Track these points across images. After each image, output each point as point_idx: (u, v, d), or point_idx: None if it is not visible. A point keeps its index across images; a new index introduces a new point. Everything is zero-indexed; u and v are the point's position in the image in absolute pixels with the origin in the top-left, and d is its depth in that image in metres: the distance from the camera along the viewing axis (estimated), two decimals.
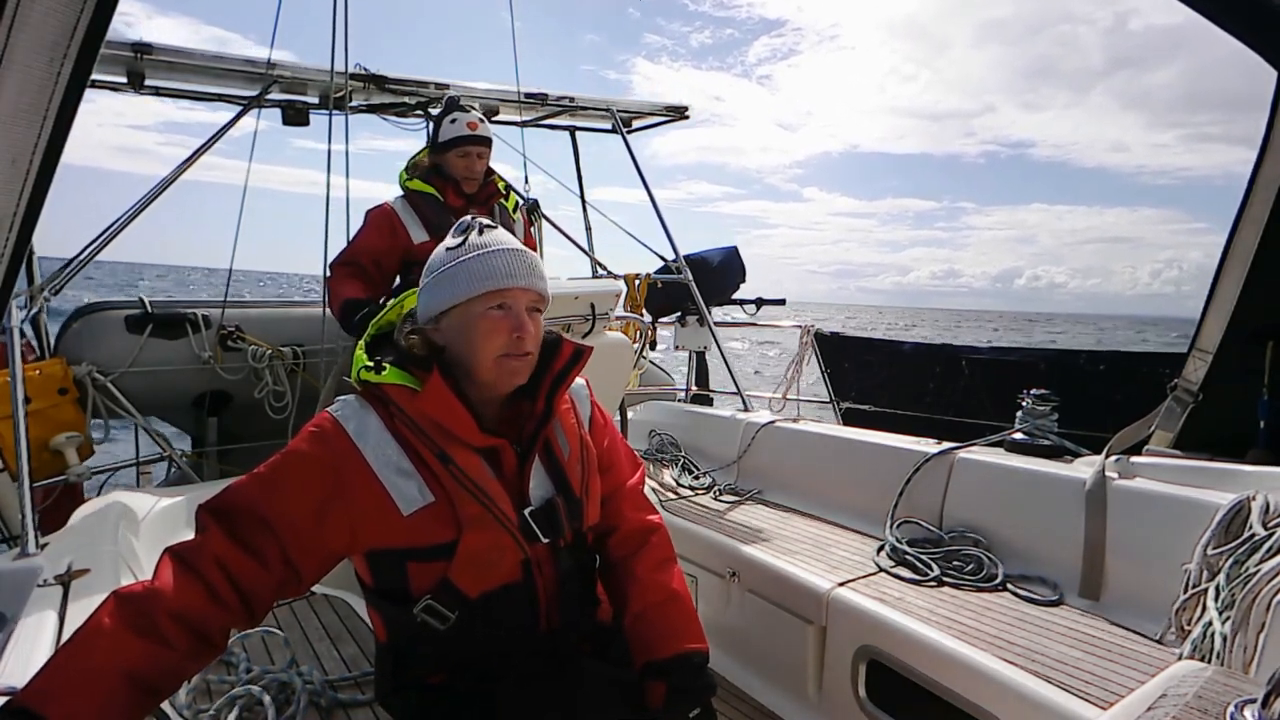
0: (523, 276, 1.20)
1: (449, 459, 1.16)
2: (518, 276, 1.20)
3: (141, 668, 0.98)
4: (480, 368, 1.19)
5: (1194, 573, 1.67)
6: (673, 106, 4.39)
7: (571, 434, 1.32)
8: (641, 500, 1.45)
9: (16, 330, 2.20)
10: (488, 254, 1.21)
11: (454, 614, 1.18)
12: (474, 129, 2.57)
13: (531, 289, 1.22)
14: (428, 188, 2.61)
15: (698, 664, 1.28)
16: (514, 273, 1.20)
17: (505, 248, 1.22)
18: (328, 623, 2.01)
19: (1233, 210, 2.35)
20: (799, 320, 4.75)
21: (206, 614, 1.04)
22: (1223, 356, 2.45)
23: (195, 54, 3.06)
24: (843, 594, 1.98)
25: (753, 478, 3.05)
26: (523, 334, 1.19)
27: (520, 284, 1.20)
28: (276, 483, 1.13)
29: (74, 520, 2.00)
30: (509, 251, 1.21)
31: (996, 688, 1.56)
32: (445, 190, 2.61)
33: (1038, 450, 2.36)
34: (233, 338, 3.38)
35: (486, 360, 1.19)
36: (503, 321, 1.18)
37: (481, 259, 1.20)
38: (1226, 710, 0.72)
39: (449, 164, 2.60)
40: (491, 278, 1.19)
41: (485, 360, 1.19)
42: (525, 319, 1.20)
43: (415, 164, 2.70)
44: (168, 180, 3.08)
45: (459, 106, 2.60)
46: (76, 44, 1.04)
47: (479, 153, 2.60)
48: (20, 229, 1.21)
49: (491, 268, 1.19)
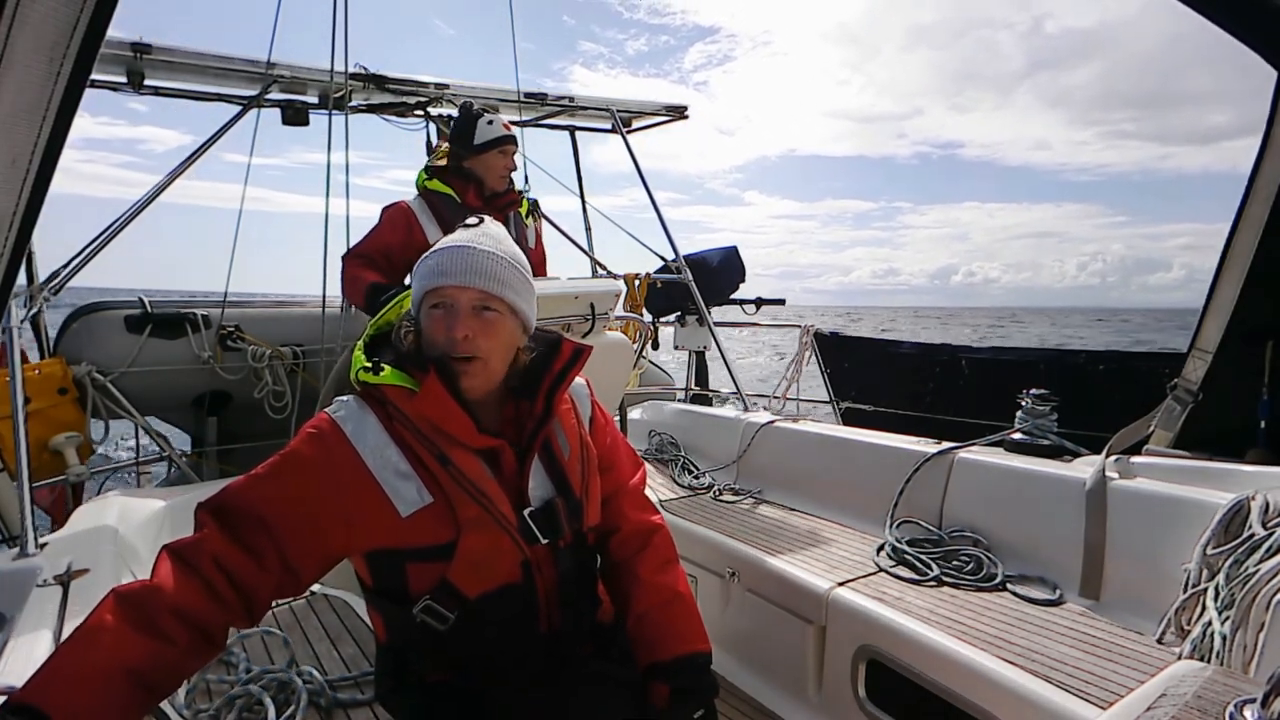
0: (458, 275, 1.17)
1: (447, 460, 1.16)
2: (450, 275, 1.17)
3: (142, 665, 0.98)
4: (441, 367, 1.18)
5: (1194, 573, 1.67)
6: (672, 106, 4.40)
7: (571, 434, 1.31)
8: (643, 500, 1.45)
9: (16, 330, 2.20)
10: (435, 252, 1.20)
11: (453, 614, 1.17)
12: (509, 129, 2.64)
13: (470, 287, 1.17)
14: (446, 189, 2.63)
15: (701, 665, 1.28)
16: (446, 271, 1.17)
17: (451, 246, 1.20)
18: (328, 623, 2.01)
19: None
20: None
21: (206, 611, 1.04)
22: (1222, 356, 2.45)
23: (195, 54, 3.06)
24: (842, 594, 1.98)
25: (753, 478, 3.05)
26: (453, 334, 1.15)
27: (453, 282, 1.17)
28: (274, 483, 1.13)
29: (74, 520, 2.00)
30: (454, 249, 1.19)
31: (996, 688, 1.56)
32: (465, 191, 2.63)
33: (1037, 450, 2.36)
34: (232, 338, 3.38)
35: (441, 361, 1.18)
36: (440, 321, 1.17)
37: (430, 257, 1.20)
38: (1226, 710, 0.72)
39: (486, 164, 2.63)
40: (428, 275, 1.19)
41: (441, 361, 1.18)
42: (460, 319, 1.16)
43: (433, 166, 2.72)
44: (167, 180, 3.08)
45: (483, 110, 2.65)
46: (76, 44, 1.03)
47: (514, 152, 2.67)
48: (20, 229, 1.21)
49: (428, 266, 1.19)
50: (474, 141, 2.61)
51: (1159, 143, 70.20)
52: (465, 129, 2.62)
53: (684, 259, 4.18)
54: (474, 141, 2.61)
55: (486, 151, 2.61)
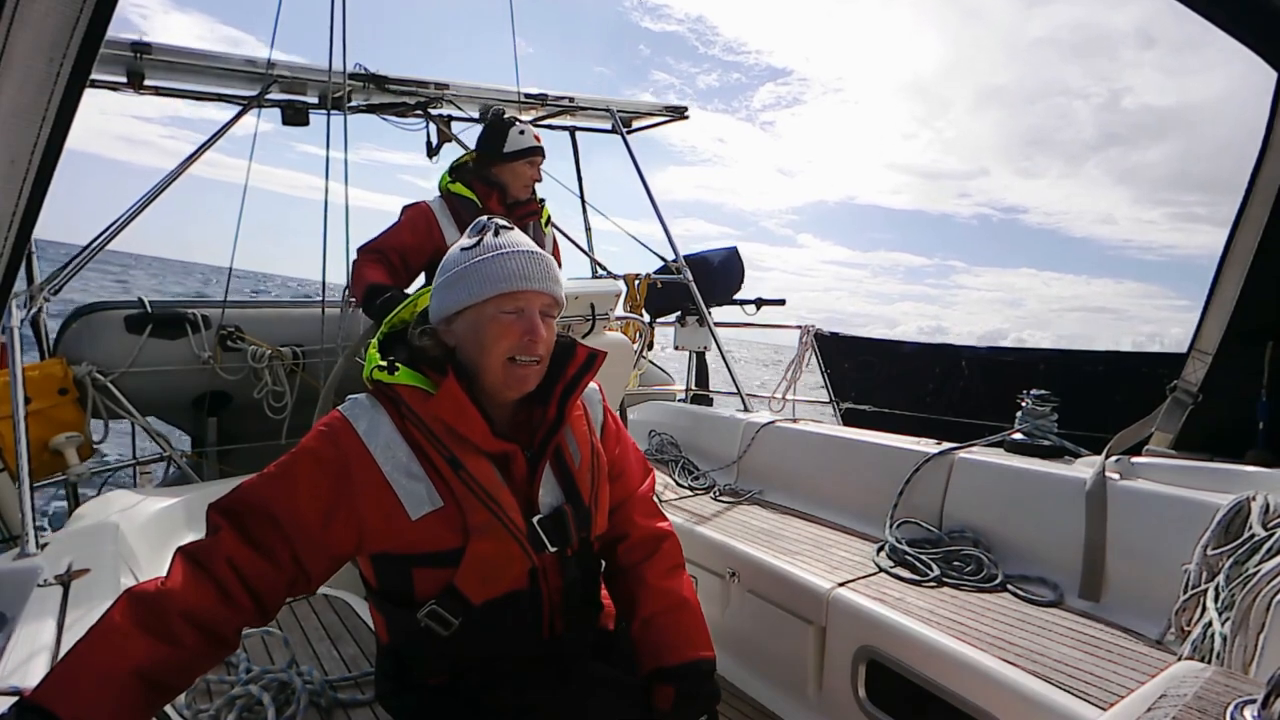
0: (537, 280, 1.19)
1: (459, 464, 1.15)
2: (532, 279, 1.19)
3: (153, 666, 0.98)
4: (488, 371, 1.19)
5: (1194, 573, 1.67)
6: (672, 107, 4.40)
7: (583, 441, 1.31)
8: (652, 507, 1.45)
9: (17, 330, 2.20)
10: (502, 255, 1.19)
11: (457, 619, 1.17)
12: (539, 140, 2.68)
13: (545, 292, 1.21)
14: (469, 193, 2.63)
15: (706, 671, 1.29)
16: (529, 275, 1.19)
17: (521, 249, 1.21)
18: (328, 623, 2.01)
19: None
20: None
21: (218, 613, 1.04)
22: (1222, 357, 2.45)
23: (195, 54, 3.06)
24: (843, 594, 1.98)
25: (753, 478, 3.05)
26: (534, 337, 1.18)
27: (534, 287, 1.19)
28: (286, 482, 1.13)
29: (74, 520, 2.00)
30: (524, 254, 1.20)
31: (996, 688, 1.56)
32: (488, 197, 2.64)
33: (1038, 450, 2.36)
34: (232, 338, 3.37)
35: (495, 364, 1.18)
36: (515, 325, 1.18)
37: (496, 260, 1.19)
38: (1226, 710, 0.72)
39: (514, 173, 2.65)
40: (506, 280, 1.18)
41: (494, 364, 1.18)
42: (538, 322, 1.19)
43: (458, 168, 2.73)
44: (167, 180, 3.08)
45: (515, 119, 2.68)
46: (76, 44, 1.04)
47: (541, 163, 2.70)
48: (19, 229, 1.21)
49: (507, 270, 1.18)
50: (504, 149, 2.63)
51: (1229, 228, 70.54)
52: (496, 136, 2.65)
53: (684, 259, 4.18)
54: (504, 149, 2.63)
55: (516, 160, 2.63)
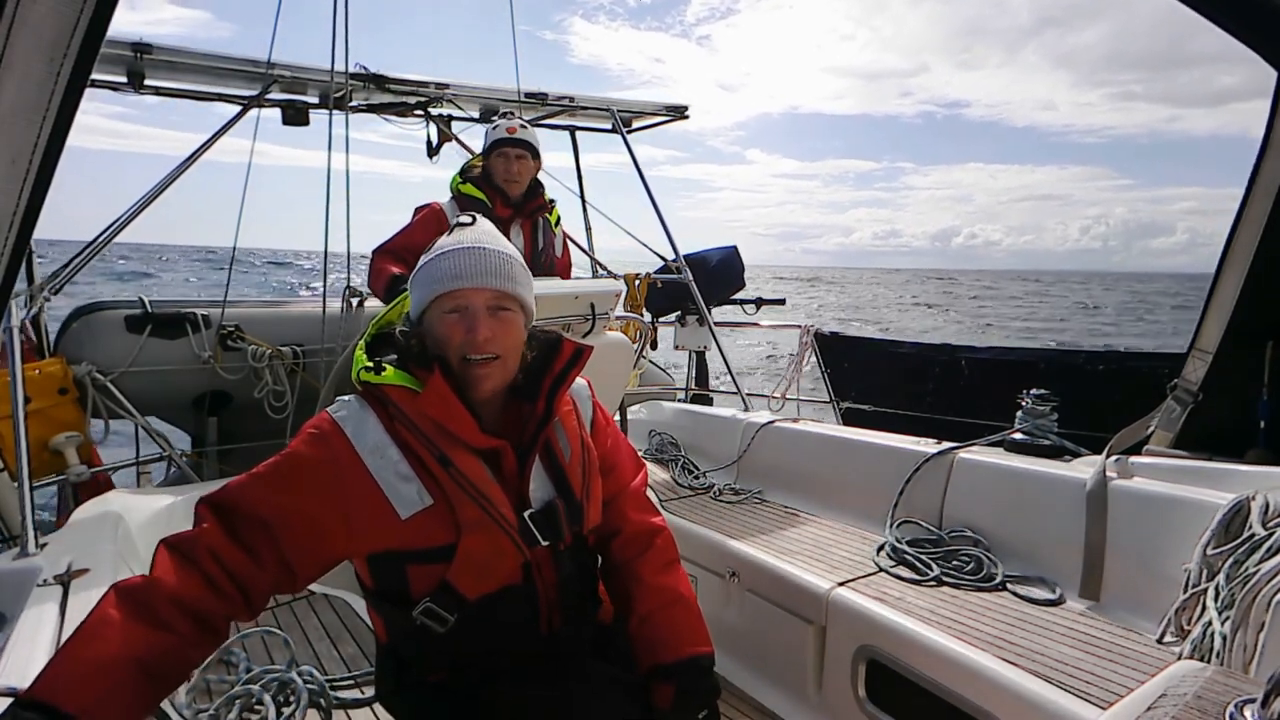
0: (475, 276, 1.17)
1: (448, 461, 1.15)
2: (467, 277, 1.17)
3: (147, 655, 0.98)
4: (456, 370, 1.19)
5: (1194, 573, 1.67)
6: (672, 106, 4.39)
7: (573, 435, 1.31)
8: (644, 502, 1.45)
9: (17, 330, 2.20)
10: (442, 255, 1.19)
11: (453, 616, 1.17)
12: (513, 132, 2.63)
13: (486, 287, 1.18)
14: (478, 193, 2.64)
15: (705, 667, 1.29)
16: (462, 273, 1.17)
17: (463, 247, 1.19)
18: (328, 623, 2.01)
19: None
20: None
21: (205, 601, 1.05)
22: (1222, 356, 2.45)
23: (195, 54, 3.06)
24: (843, 594, 1.98)
25: (753, 478, 3.05)
26: (473, 336, 1.16)
27: (471, 284, 1.17)
28: (275, 483, 1.13)
29: (73, 520, 2.00)
30: (464, 251, 1.19)
31: (996, 688, 1.56)
32: (495, 196, 2.65)
33: (1038, 450, 2.36)
34: (232, 337, 3.38)
35: (455, 364, 1.18)
36: (457, 324, 1.17)
37: (436, 261, 1.19)
38: (1226, 710, 0.72)
39: (492, 167, 2.65)
40: (440, 280, 1.18)
41: (455, 364, 1.18)
42: (479, 320, 1.17)
43: (469, 168, 2.75)
44: (167, 181, 3.08)
45: (504, 114, 2.70)
46: (76, 44, 1.04)
47: (518, 154, 2.64)
48: (20, 228, 1.21)
49: (442, 270, 1.18)
50: (484, 145, 2.66)
51: (1167, 105, 69.28)
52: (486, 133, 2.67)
53: (684, 259, 4.18)
54: (484, 145, 2.66)
55: (490, 155, 2.64)
